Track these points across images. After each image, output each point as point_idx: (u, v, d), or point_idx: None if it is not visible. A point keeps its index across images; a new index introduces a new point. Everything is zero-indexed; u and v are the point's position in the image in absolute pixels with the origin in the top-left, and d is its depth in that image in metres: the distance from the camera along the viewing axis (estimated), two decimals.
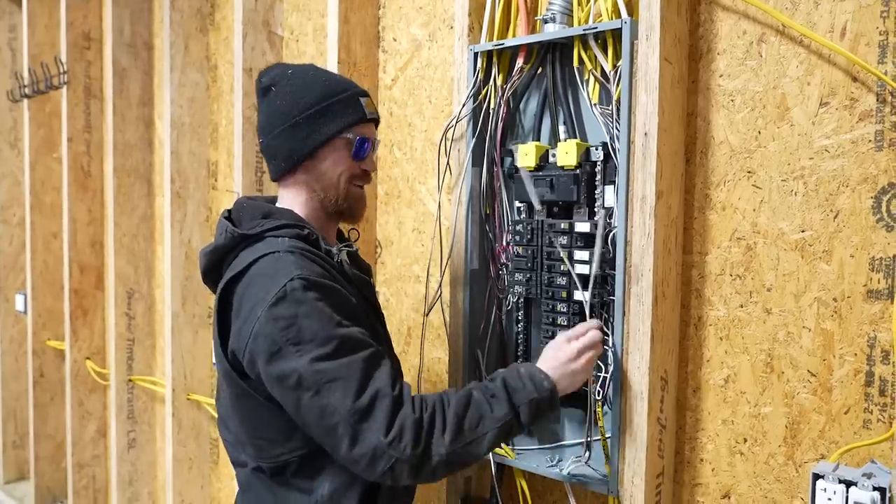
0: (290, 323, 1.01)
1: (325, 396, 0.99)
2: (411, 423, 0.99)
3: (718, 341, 1.20)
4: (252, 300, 1.05)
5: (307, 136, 1.16)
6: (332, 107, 1.16)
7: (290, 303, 1.02)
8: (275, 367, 1.02)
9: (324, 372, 0.99)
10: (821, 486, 1.01)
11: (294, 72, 1.20)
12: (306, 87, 1.18)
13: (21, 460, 3.35)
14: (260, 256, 1.09)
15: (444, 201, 1.55)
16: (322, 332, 1.01)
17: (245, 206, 1.21)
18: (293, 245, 1.10)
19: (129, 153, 2.60)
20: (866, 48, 1.04)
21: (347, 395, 0.99)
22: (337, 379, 0.99)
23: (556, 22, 1.29)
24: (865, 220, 1.05)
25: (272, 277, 1.05)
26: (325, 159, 1.17)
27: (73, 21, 2.72)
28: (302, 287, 1.03)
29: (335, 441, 1.01)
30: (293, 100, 1.17)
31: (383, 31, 1.76)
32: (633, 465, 1.17)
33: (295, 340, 1.01)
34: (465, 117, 1.40)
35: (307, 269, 1.05)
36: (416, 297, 1.69)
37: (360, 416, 0.99)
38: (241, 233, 1.15)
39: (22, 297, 3.18)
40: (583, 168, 1.25)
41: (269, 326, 1.02)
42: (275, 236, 1.13)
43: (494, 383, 1.07)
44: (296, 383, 1.00)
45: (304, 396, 1.00)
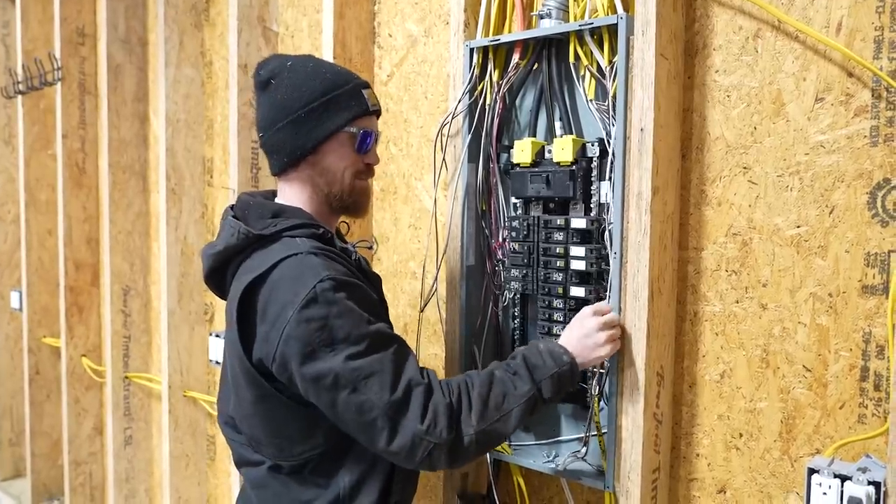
0: (323, 324, 1.02)
1: (363, 392, 1.01)
2: (443, 408, 1.03)
3: (714, 337, 1.21)
4: (279, 303, 1.05)
5: (310, 130, 1.14)
6: (334, 100, 1.14)
7: (321, 304, 1.02)
8: (310, 369, 1.02)
9: (359, 369, 1.01)
10: (816, 481, 1.01)
11: (293, 64, 1.18)
12: (307, 79, 1.15)
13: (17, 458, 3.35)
14: (283, 258, 1.08)
15: (440, 197, 1.55)
16: (354, 331, 1.03)
17: (252, 205, 1.19)
18: (314, 246, 1.10)
19: (124, 150, 2.59)
20: (862, 44, 1.04)
21: (384, 389, 1.01)
22: (372, 374, 1.02)
23: (551, 17, 1.28)
24: (861, 215, 1.05)
25: (299, 279, 1.05)
26: (329, 154, 1.16)
27: (66, 16, 2.71)
28: (332, 287, 1.03)
29: (374, 434, 1.03)
30: (294, 93, 1.14)
31: (379, 27, 1.76)
32: (629, 461, 1.18)
33: (328, 341, 1.02)
34: (461, 113, 1.40)
35: (333, 270, 1.06)
36: (413, 293, 1.69)
37: (397, 408, 1.01)
38: (256, 233, 1.13)
39: (17, 295, 3.17)
40: (579, 164, 1.25)
41: (302, 329, 1.02)
42: (291, 236, 1.12)
43: (516, 361, 1.10)
44: (332, 383, 1.02)
45: (341, 395, 1.02)
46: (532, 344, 1.14)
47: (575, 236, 1.25)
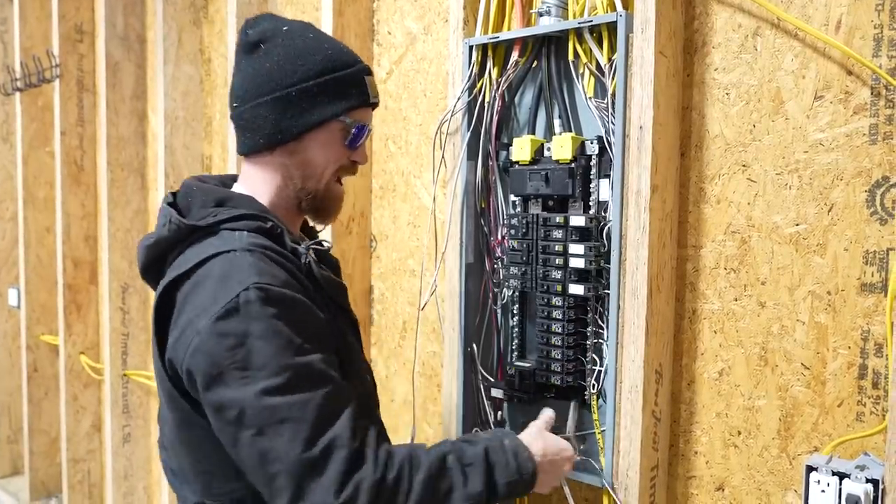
0: (239, 342, 0.84)
1: (269, 439, 0.83)
2: (369, 485, 0.83)
3: (713, 334, 1.21)
4: (196, 307, 0.88)
5: (300, 113, 0.98)
6: (333, 83, 0.99)
7: (242, 317, 0.85)
8: (213, 394, 0.85)
9: (272, 409, 0.83)
10: (814, 479, 1.01)
11: (290, 30, 1.01)
12: (305, 52, 0.99)
13: (15, 455, 3.34)
14: (212, 255, 0.91)
15: (439, 195, 1.55)
16: (276, 359, 0.84)
17: (195, 190, 1.01)
18: (253, 242, 0.93)
19: (123, 147, 2.59)
20: (861, 41, 1.04)
21: (296, 440, 0.83)
22: (286, 420, 0.83)
23: (551, 15, 1.28)
24: (859, 213, 1.05)
25: (224, 282, 0.87)
26: (314, 144, 1.00)
27: (64, 13, 2.70)
28: (259, 299, 0.85)
29: (272, 493, 0.85)
30: (287, 65, 0.98)
31: (378, 25, 1.76)
32: (627, 458, 1.18)
33: (242, 365, 0.84)
34: (460, 111, 1.40)
35: (268, 276, 0.88)
36: (412, 291, 1.69)
37: (308, 469, 0.83)
38: (188, 224, 0.96)
39: (15, 292, 3.17)
40: (578, 162, 1.25)
41: (213, 343, 0.85)
42: (231, 229, 0.95)
43: (474, 448, 0.93)
44: (236, 417, 0.84)
45: (243, 434, 0.84)
46: (496, 433, 1.00)
47: (574, 234, 1.25)
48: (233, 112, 1.03)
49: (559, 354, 1.26)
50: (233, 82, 1.03)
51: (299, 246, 0.98)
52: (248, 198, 1.01)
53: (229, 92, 1.06)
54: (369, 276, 1.80)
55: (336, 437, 0.84)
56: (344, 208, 1.71)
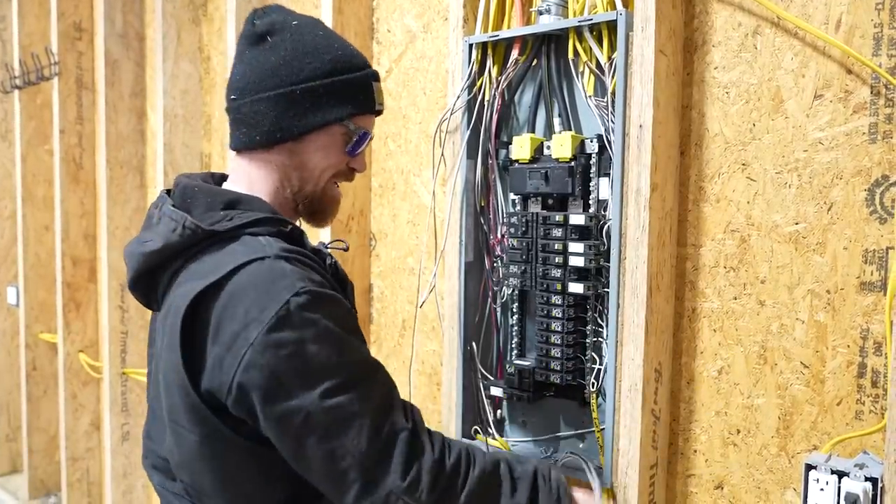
0: (295, 350, 0.83)
1: (337, 438, 0.84)
2: (429, 466, 0.87)
3: (712, 333, 1.21)
4: (240, 320, 0.84)
5: (303, 113, 0.95)
6: (341, 86, 0.96)
7: (295, 325, 0.83)
8: (277, 406, 0.83)
9: (336, 409, 0.84)
10: (813, 477, 1.01)
11: (300, 25, 0.98)
12: (315, 50, 0.95)
13: (14, 453, 3.34)
14: (244, 263, 0.87)
15: (438, 193, 1.55)
16: (332, 360, 0.85)
17: (197, 191, 0.95)
18: (283, 247, 0.90)
19: (122, 145, 2.58)
20: (861, 40, 1.04)
21: (362, 434, 0.84)
22: (352, 417, 0.84)
23: (551, 13, 1.28)
24: (859, 212, 1.05)
25: (268, 291, 0.85)
26: (314, 147, 0.97)
27: (63, 11, 2.70)
28: (309, 303, 0.84)
29: (343, 487, 0.86)
30: (295, 61, 0.94)
31: (377, 23, 1.76)
32: (626, 456, 1.18)
33: (301, 372, 0.83)
34: (460, 109, 1.40)
35: (309, 280, 0.87)
36: (411, 289, 1.69)
37: (376, 459, 0.85)
38: (207, 229, 0.90)
39: (14, 290, 3.16)
40: (577, 160, 1.25)
41: (269, 355, 0.83)
42: (252, 234, 0.91)
43: (524, 467, 0.96)
44: (301, 424, 0.84)
45: (310, 439, 0.84)
46: (546, 463, 1.02)
47: (573, 233, 1.25)
48: (230, 104, 0.99)
49: (559, 353, 1.27)
50: (233, 73, 0.99)
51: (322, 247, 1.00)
52: (259, 199, 0.97)
53: (228, 82, 1.00)
54: (369, 274, 1.80)
55: (395, 422, 0.88)
56: (343, 207, 1.72)
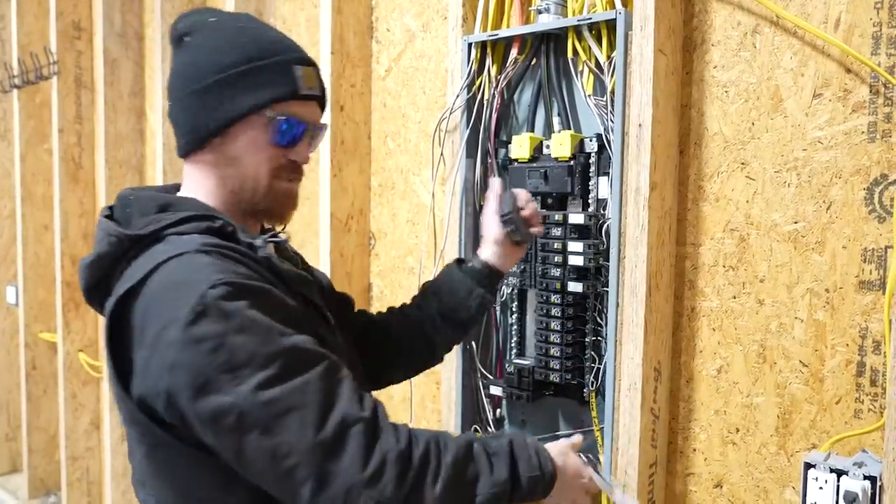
0: (218, 344, 0.78)
1: (277, 434, 0.77)
2: (395, 455, 0.80)
3: (711, 332, 1.21)
4: (160, 320, 0.80)
5: (216, 106, 0.90)
6: (252, 73, 0.90)
7: (214, 317, 0.78)
8: (205, 404, 0.78)
9: (271, 402, 0.77)
10: (812, 476, 1.02)
11: (218, 21, 0.95)
12: (226, 42, 0.92)
13: (14, 453, 3.34)
14: (162, 262, 0.83)
15: (438, 193, 1.55)
16: (262, 349, 0.79)
17: (133, 200, 0.93)
18: (206, 242, 0.86)
19: (121, 144, 2.58)
20: (860, 39, 1.04)
21: (305, 427, 0.78)
22: (290, 409, 0.78)
23: (550, 12, 1.28)
24: (858, 211, 1.06)
25: (184, 287, 0.80)
26: (238, 140, 0.92)
27: (62, 10, 2.69)
28: (227, 294, 0.79)
29: (294, 487, 0.79)
30: (207, 56, 0.91)
31: (377, 22, 1.75)
32: (626, 455, 1.18)
33: (228, 366, 0.78)
34: (459, 108, 1.40)
35: (229, 271, 0.82)
36: (410, 288, 1.69)
37: (326, 451, 0.78)
38: (128, 234, 0.88)
39: (13, 290, 3.16)
40: (577, 159, 1.25)
41: (191, 352, 0.78)
42: (178, 233, 0.87)
43: (499, 441, 0.90)
44: (235, 423, 0.77)
45: (248, 438, 0.78)
46: (519, 433, 0.96)
47: (573, 232, 1.25)
48: (167, 109, 0.97)
49: (558, 352, 1.27)
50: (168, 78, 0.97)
51: (255, 240, 0.91)
52: (192, 200, 0.94)
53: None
54: (368, 273, 1.80)
55: (346, 412, 0.80)
56: (343, 206, 1.73)
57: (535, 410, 1.37)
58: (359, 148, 1.76)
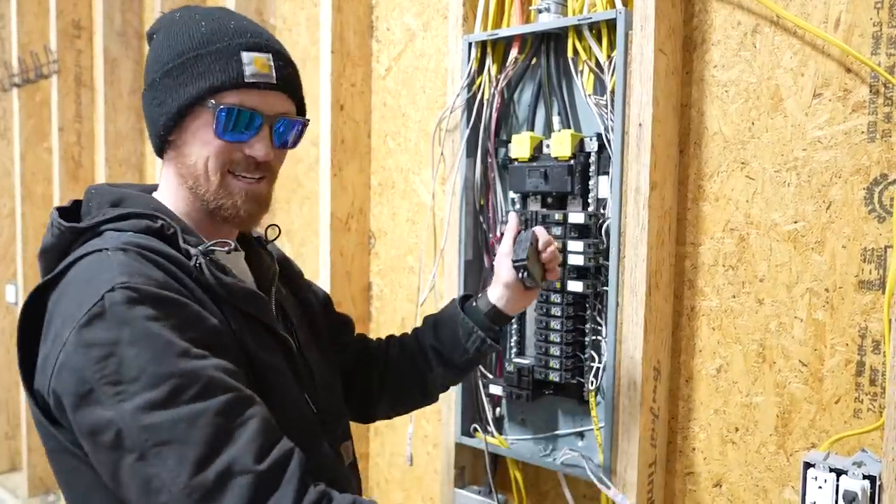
0: (108, 353, 0.71)
1: (152, 464, 0.69)
2: None
3: (711, 331, 1.21)
4: (61, 317, 0.75)
5: (162, 100, 0.86)
6: (195, 61, 0.84)
7: (109, 322, 0.72)
8: (84, 416, 0.71)
9: (152, 428, 0.69)
10: (811, 475, 1.02)
11: (183, 16, 0.89)
12: (179, 34, 0.86)
13: (13, 451, 3.34)
14: (81, 256, 0.79)
15: (438, 192, 1.55)
16: (153, 367, 0.70)
17: (94, 194, 0.89)
18: (130, 241, 0.80)
19: (121, 143, 2.58)
20: (860, 39, 1.04)
21: (183, 464, 0.68)
22: (171, 441, 0.69)
23: (550, 12, 1.28)
24: (857, 211, 1.06)
25: (89, 285, 0.75)
26: (188, 134, 0.86)
27: (62, 9, 2.69)
28: (126, 300, 0.72)
29: None
30: (161, 52, 0.87)
31: (377, 21, 1.75)
32: (625, 455, 1.18)
33: (113, 378, 0.70)
34: (459, 108, 1.40)
35: (139, 275, 0.75)
36: (410, 287, 1.69)
37: (200, 498, 0.68)
38: (69, 226, 0.84)
39: (13, 288, 3.16)
40: (577, 159, 1.25)
41: (79, 356, 0.72)
42: (116, 229, 0.82)
43: None
44: (112, 441, 0.70)
45: (123, 461, 0.70)
46: None
47: (573, 231, 1.25)
48: None
49: (558, 351, 1.27)
50: None
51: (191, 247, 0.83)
52: (146, 197, 0.89)
53: None
54: (368, 272, 1.80)
55: (235, 459, 0.69)
56: (343, 205, 1.73)
57: (535, 409, 1.38)
58: (359, 147, 1.76)
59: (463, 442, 1.43)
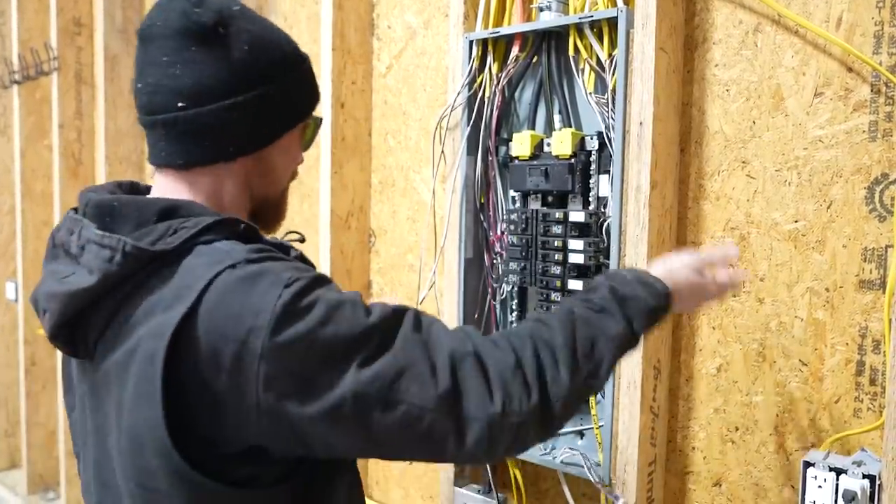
0: (312, 340, 0.73)
1: (400, 400, 0.74)
2: (511, 372, 0.76)
3: (711, 330, 1.21)
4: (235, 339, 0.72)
5: (279, 115, 0.84)
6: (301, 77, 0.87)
7: (298, 316, 0.73)
8: (317, 407, 0.73)
9: (380, 376, 0.74)
10: (811, 474, 1.02)
11: (243, 9, 0.85)
12: (272, 41, 0.84)
13: (13, 448, 3.34)
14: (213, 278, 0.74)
15: (438, 190, 1.55)
16: (354, 330, 0.75)
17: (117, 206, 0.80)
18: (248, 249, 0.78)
19: (121, 140, 2.58)
20: (861, 38, 1.04)
21: (423, 382, 0.74)
22: (402, 372, 0.74)
23: (551, 10, 1.28)
24: (858, 210, 1.06)
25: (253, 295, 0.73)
26: (280, 148, 0.87)
27: (63, 6, 2.69)
28: (304, 290, 0.74)
29: (437, 445, 0.76)
30: (262, 56, 0.82)
31: (378, 19, 1.75)
32: (625, 454, 1.18)
33: (329, 359, 0.73)
34: (460, 106, 1.40)
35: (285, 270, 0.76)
36: (410, 286, 1.69)
37: (453, 398, 0.74)
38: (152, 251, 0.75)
39: (13, 286, 3.16)
40: (577, 157, 1.25)
41: (285, 360, 0.72)
42: (205, 242, 0.77)
43: (598, 293, 0.85)
44: (354, 409, 0.73)
45: (372, 418, 0.74)
46: (614, 271, 0.91)
47: (573, 230, 1.25)
48: (180, 115, 0.81)
49: None
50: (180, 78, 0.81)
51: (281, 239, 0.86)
52: (195, 203, 0.82)
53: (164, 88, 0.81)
54: (368, 270, 1.80)
55: (451, 352, 0.76)
56: (343, 203, 1.73)
57: None
58: (359, 145, 1.76)
59: None
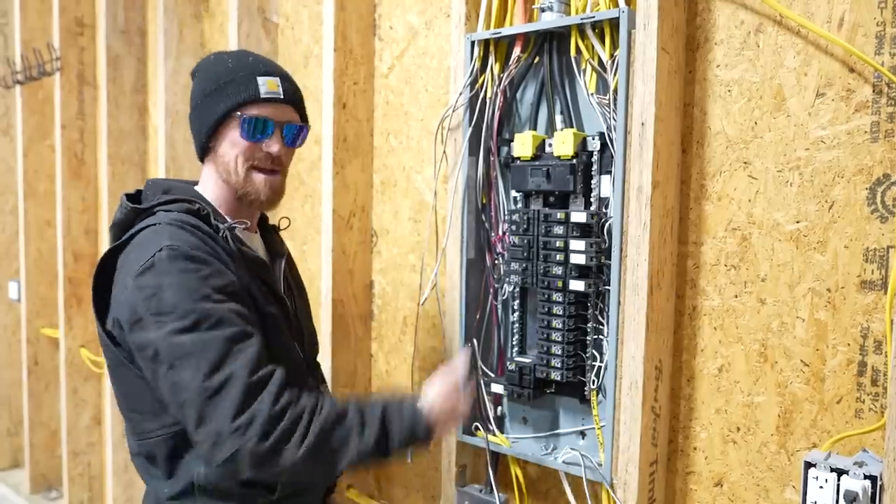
0: (153, 293, 1.01)
1: (178, 372, 0.99)
2: (265, 417, 0.97)
3: (713, 331, 1.21)
4: (125, 270, 1.06)
5: (204, 117, 1.17)
6: (225, 86, 1.16)
7: (155, 272, 1.02)
8: (135, 337, 1.03)
9: (179, 346, 0.99)
10: (813, 475, 1.02)
11: (215, 58, 1.21)
12: (212, 70, 1.19)
13: (16, 448, 3.35)
14: (143, 228, 1.10)
15: (440, 190, 1.55)
16: (182, 305, 1.00)
17: (150, 185, 1.22)
18: (176, 217, 1.10)
19: (123, 141, 2.58)
20: (863, 39, 1.04)
21: (198, 372, 0.98)
22: (190, 354, 0.99)
23: (553, 11, 1.28)
24: (860, 211, 1.06)
25: (145, 247, 1.05)
26: (222, 140, 1.17)
27: (65, 6, 2.69)
28: (168, 257, 1.03)
29: (185, 420, 1.01)
30: (200, 84, 1.19)
31: (379, 19, 1.75)
32: (626, 454, 1.18)
33: (155, 311, 1.00)
34: (462, 106, 1.40)
35: (179, 240, 1.05)
36: (412, 286, 1.70)
37: (207, 397, 0.97)
38: (133, 207, 1.16)
39: (16, 285, 3.17)
40: (579, 158, 1.25)
41: (134, 295, 1.02)
42: (166, 210, 1.13)
43: (373, 412, 1.05)
44: (153, 355, 1.01)
45: (159, 369, 1.00)
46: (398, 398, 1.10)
47: (575, 230, 1.25)
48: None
49: (559, 350, 1.27)
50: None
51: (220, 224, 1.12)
52: (189, 188, 1.21)
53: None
54: (370, 271, 1.80)
55: (234, 372, 0.98)
56: (345, 203, 1.73)
57: (536, 408, 1.38)
58: (361, 145, 1.76)
59: (464, 440, 1.43)
